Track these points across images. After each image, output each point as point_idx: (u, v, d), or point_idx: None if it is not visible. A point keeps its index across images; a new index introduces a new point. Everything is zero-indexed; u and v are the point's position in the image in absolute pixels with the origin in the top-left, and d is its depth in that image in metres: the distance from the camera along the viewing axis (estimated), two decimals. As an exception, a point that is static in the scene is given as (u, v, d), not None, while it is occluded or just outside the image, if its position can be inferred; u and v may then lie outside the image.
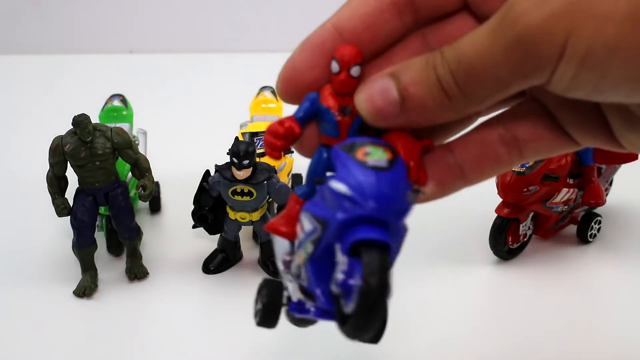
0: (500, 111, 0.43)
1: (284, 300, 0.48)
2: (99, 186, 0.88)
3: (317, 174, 0.45)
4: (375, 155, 0.40)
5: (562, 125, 0.41)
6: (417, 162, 0.41)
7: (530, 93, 0.41)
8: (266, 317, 0.49)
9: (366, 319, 0.38)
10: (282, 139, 0.43)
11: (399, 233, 0.42)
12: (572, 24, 0.32)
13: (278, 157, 0.44)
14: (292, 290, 0.47)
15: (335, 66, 0.41)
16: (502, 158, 0.42)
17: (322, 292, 0.42)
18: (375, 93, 0.38)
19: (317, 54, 0.40)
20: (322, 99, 0.43)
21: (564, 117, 0.40)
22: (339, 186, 0.40)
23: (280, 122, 0.43)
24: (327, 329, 0.84)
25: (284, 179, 1.01)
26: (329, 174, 0.44)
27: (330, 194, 0.40)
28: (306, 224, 0.42)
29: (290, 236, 0.46)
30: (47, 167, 0.88)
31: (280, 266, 0.47)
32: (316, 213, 0.42)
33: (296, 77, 0.41)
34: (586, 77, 0.34)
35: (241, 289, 0.92)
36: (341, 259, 0.40)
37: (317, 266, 0.42)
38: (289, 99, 0.42)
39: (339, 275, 0.39)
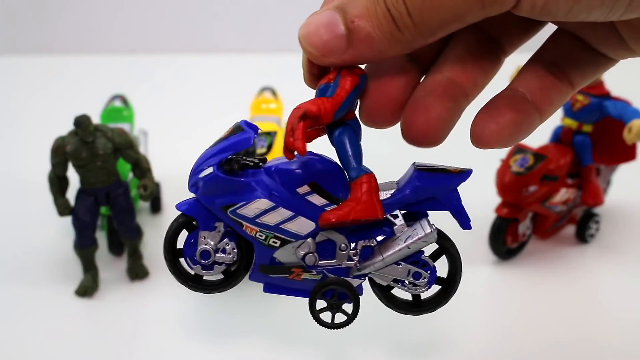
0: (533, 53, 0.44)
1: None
2: (100, 186, 0.89)
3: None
4: (224, 132, 0.49)
5: (592, 45, 0.42)
6: (290, 125, 0.41)
7: (553, 22, 0.41)
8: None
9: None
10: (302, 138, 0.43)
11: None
12: None
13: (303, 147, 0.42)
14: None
15: None
16: (559, 87, 0.43)
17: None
18: (320, 26, 0.37)
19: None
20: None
21: (588, 37, 0.42)
22: None
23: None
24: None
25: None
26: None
27: None
28: None
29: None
30: (49, 167, 0.88)
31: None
32: None
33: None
34: (557, 3, 0.34)
35: (241, 289, 0.92)
36: None
37: None
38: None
39: None
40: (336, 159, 0.44)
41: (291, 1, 1.95)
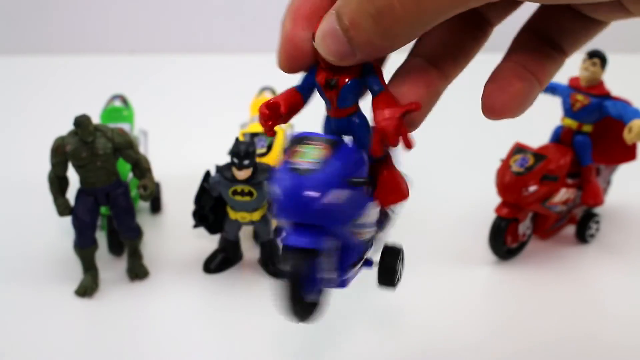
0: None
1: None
2: (100, 186, 0.88)
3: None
4: (307, 156, 0.43)
5: (582, 11, 0.43)
6: (394, 129, 0.42)
7: None
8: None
9: (286, 299, 0.43)
10: (268, 118, 0.46)
11: (341, 209, 0.43)
12: None
13: (270, 133, 0.46)
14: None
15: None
16: (552, 56, 0.44)
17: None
18: (326, 36, 0.39)
19: (311, 25, 0.41)
20: (317, 73, 0.45)
21: (580, 4, 0.42)
22: (274, 188, 0.43)
23: (266, 103, 0.46)
24: (323, 328, 0.85)
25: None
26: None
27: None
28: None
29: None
30: (49, 167, 0.88)
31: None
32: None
33: (297, 56, 0.42)
34: None
35: (241, 289, 0.92)
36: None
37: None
38: (291, 71, 0.44)
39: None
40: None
41: (291, 1, 1.95)
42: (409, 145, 0.42)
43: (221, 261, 0.95)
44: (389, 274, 0.55)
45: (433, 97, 0.44)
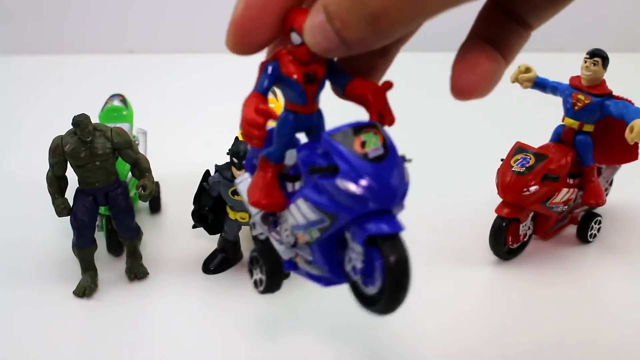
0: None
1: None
2: (99, 186, 0.88)
3: (284, 136, 0.46)
4: (371, 143, 0.42)
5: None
6: (386, 105, 0.43)
7: None
8: (271, 281, 0.54)
9: (397, 293, 0.41)
10: (262, 128, 0.43)
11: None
12: None
13: (261, 146, 0.44)
14: (282, 251, 0.50)
15: (296, 38, 0.41)
16: (518, 31, 0.44)
17: (330, 269, 0.46)
18: (316, 32, 0.38)
19: (263, 12, 0.40)
20: (282, 66, 0.43)
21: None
22: (348, 185, 0.41)
23: (255, 110, 0.43)
24: (325, 330, 0.85)
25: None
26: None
27: (336, 191, 0.42)
28: (309, 213, 0.44)
29: (277, 207, 0.48)
30: (47, 167, 0.88)
31: (259, 220, 0.50)
32: (321, 206, 0.43)
33: (249, 39, 0.41)
34: None
35: (241, 289, 0.92)
36: (357, 249, 0.43)
37: (324, 247, 0.45)
38: (241, 54, 0.42)
39: (358, 264, 0.43)
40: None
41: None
42: (393, 121, 0.44)
43: (220, 261, 0.95)
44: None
45: (497, 73, 0.43)
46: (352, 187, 0.42)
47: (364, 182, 0.41)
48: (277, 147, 0.47)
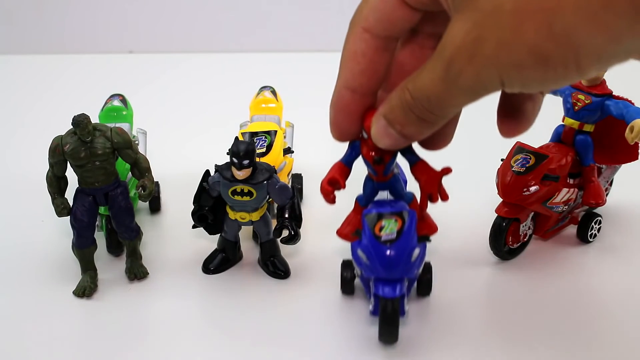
0: None
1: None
2: (99, 186, 0.88)
3: (366, 190, 0.71)
4: (387, 229, 0.66)
5: None
6: (437, 188, 0.63)
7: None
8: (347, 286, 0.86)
9: (385, 329, 0.75)
10: (329, 195, 0.65)
11: (415, 262, 0.72)
12: (502, 72, 0.41)
13: (333, 204, 0.66)
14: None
15: (364, 134, 0.57)
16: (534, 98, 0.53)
17: (369, 295, 0.80)
18: (383, 136, 0.52)
19: (348, 116, 0.55)
20: (362, 148, 0.63)
21: None
22: (361, 255, 0.70)
23: (329, 179, 0.65)
24: (325, 330, 0.84)
25: (284, 178, 1.01)
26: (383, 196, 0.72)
27: (356, 256, 0.71)
28: (362, 255, 0.70)
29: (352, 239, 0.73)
30: (47, 167, 0.88)
31: None
32: (355, 259, 0.73)
33: (343, 133, 0.57)
34: (529, 86, 0.43)
35: (241, 289, 0.92)
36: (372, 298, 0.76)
37: (364, 282, 0.80)
38: (340, 141, 0.58)
39: (370, 306, 0.78)
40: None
41: (291, 1, 1.95)
42: (446, 198, 0.64)
43: (220, 261, 0.95)
44: (427, 286, 0.86)
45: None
46: (363, 256, 0.68)
47: (371, 256, 0.67)
48: (363, 196, 0.71)
